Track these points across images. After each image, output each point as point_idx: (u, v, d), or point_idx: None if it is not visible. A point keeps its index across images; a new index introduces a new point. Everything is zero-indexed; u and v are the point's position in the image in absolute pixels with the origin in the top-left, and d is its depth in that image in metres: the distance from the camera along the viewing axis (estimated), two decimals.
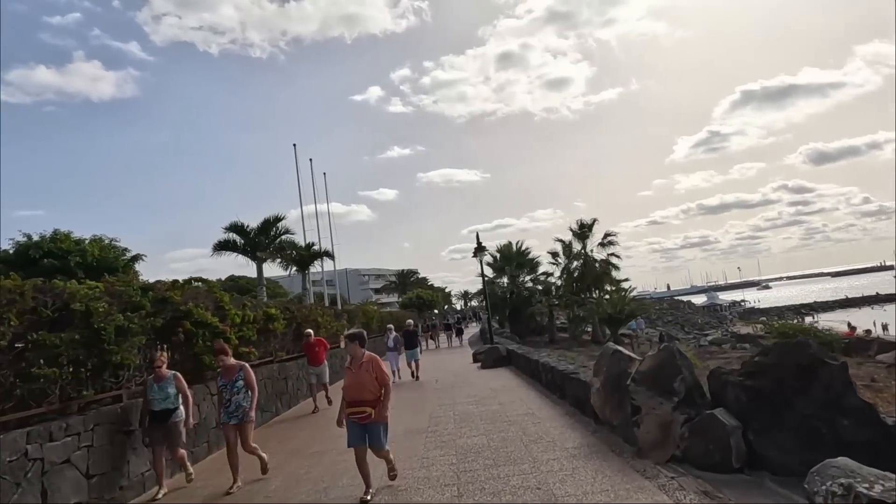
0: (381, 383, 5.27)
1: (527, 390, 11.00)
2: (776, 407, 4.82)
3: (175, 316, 7.86)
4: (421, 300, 55.29)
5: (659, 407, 5.57)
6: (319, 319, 16.10)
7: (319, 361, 11.35)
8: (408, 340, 15.38)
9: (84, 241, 18.94)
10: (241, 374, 6.38)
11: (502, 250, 36.63)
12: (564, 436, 6.78)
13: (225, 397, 6.36)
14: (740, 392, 5.10)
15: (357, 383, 5.25)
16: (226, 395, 6.35)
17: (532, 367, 12.39)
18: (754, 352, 5.10)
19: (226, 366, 6.40)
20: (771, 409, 4.85)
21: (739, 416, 5.03)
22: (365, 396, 5.20)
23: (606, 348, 6.87)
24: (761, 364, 5.10)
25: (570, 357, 20.13)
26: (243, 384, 6.36)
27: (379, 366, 5.34)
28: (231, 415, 6.27)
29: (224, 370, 6.42)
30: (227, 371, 6.42)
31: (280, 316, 12.04)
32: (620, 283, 31.02)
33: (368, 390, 5.22)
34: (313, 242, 25.04)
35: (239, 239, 18.79)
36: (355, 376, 5.29)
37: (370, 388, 5.23)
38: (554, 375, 9.88)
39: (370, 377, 5.25)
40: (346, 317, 22.65)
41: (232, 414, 6.27)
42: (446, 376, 15.43)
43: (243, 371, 6.40)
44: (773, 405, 4.84)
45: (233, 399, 6.30)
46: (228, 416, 6.29)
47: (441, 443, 7.21)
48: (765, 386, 4.95)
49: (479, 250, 17.89)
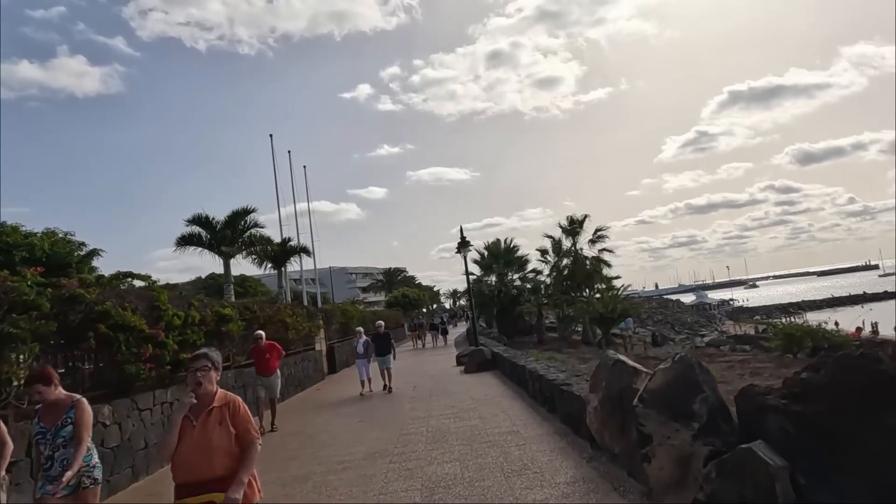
0: (243, 445, 3.08)
1: (511, 401, 9.79)
2: (835, 441, 3.63)
3: (88, 318, 6.54)
4: (407, 299, 54.11)
5: (675, 435, 4.37)
6: (288, 320, 14.79)
7: (271, 370, 9.70)
8: (380, 345, 13.23)
9: (35, 235, 17.46)
10: (72, 416, 3.83)
11: (490, 248, 35.43)
12: (554, 464, 5.57)
13: (44, 453, 3.78)
14: (785, 420, 3.90)
15: (198, 449, 2.99)
16: (45, 450, 3.78)
17: (518, 373, 11.20)
18: (803, 363, 3.98)
19: (46, 401, 3.86)
20: (828, 443, 3.66)
21: (785, 451, 3.84)
22: (213, 472, 2.96)
23: (606, 358, 5.66)
24: (812, 383, 3.90)
25: (559, 359, 18.99)
26: (72, 431, 3.81)
27: (242, 414, 3.16)
28: (54, 481, 3.64)
29: (43, 409, 3.89)
30: (48, 411, 3.88)
31: (236, 316, 10.72)
32: (612, 282, 30.03)
33: (219, 460, 2.99)
34: (290, 238, 23.67)
35: (204, 233, 17.35)
36: (195, 436, 3.02)
37: (222, 457, 3.00)
38: (542, 385, 8.67)
39: (224, 436, 3.04)
40: (322, 317, 21.33)
41: (56, 479, 3.64)
42: (425, 381, 14.19)
43: (76, 410, 3.86)
44: (832, 438, 3.65)
45: (56, 455, 3.75)
46: (50, 481, 3.68)
47: (406, 471, 5.97)
48: (818, 412, 3.75)
49: (463, 245, 16.67)
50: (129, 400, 7.18)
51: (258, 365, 9.75)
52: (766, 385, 4.41)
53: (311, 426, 9.53)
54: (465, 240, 16.69)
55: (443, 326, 32.94)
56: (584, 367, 16.31)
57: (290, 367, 14.76)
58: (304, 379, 15.90)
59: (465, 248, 16.64)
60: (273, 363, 9.63)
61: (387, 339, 13.30)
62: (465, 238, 16.67)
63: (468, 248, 16.81)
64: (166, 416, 8.04)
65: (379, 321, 14.75)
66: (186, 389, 3.23)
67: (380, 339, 13.33)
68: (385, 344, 13.21)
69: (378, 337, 13.46)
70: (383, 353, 13.13)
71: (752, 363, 13.21)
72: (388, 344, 13.22)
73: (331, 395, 13.87)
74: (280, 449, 7.93)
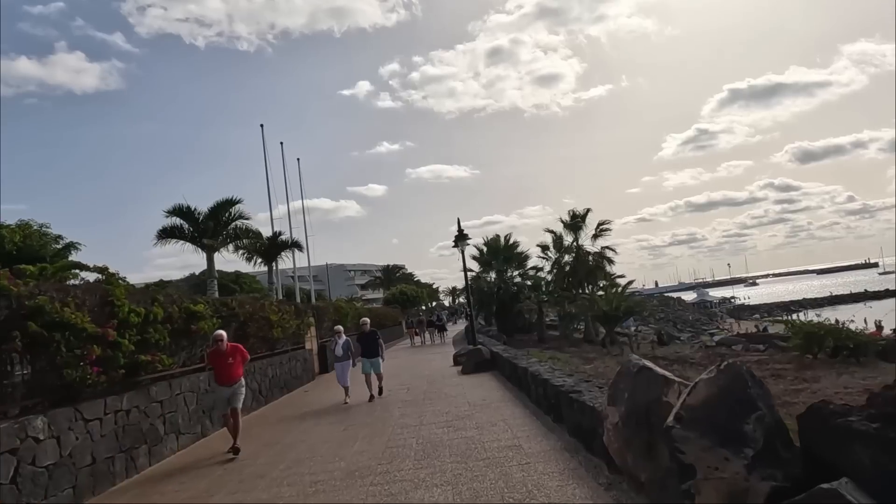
0: None
1: (513, 407, 8.84)
2: None
3: (16, 315, 5.58)
4: (405, 296, 53.20)
5: (724, 466, 3.42)
6: (273, 317, 13.84)
7: (233, 379, 7.87)
8: (366, 346, 11.40)
9: (8, 227, 16.50)
10: None
11: (489, 243, 34.46)
12: (566, 492, 4.62)
13: None
14: (878, 450, 2.95)
15: None
16: None
17: (519, 375, 10.27)
18: (826, 363, 2.94)
19: None
20: None
21: (881, 493, 2.90)
22: None
23: (629, 364, 4.70)
24: None
25: (561, 359, 18.07)
26: None
27: None
28: None
29: None
30: None
31: (209, 313, 9.76)
32: (615, 278, 29.02)
33: None
34: (281, 232, 22.68)
35: (187, 225, 16.32)
36: None
37: None
38: (547, 391, 7.73)
39: None
40: (314, 314, 20.38)
41: None
42: (420, 383, 13.26)
43: None
44: None
45: None
46: None
47: (388, 496, 5.03)
48: None
49: (461, 239, 15.72)
50: (71, 409, 6.23)
51: (218, 373, 7.99)
52: (841, 404, 3.46)
53: (290, 435, 8.58)
54: (462, 233, 15.73)
55: (439, 324, 32.10)
56: (588, 367, 15.36)
57: (275, 367, 13.81)
58: (290, 380, 14.96)
59: (462, 241, 15.68)
60: (236, 370, 7.92)
61: (374, 339, 11.44)
62: (463, 231, 15.71)
63: (466, 242, 15.85)
64: (121, 426, 7.10)
65: (364, 318, 12.45)
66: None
67: (366, 339, 11.52)
68: (372, 344, 11.40)
69: (364, 337, 11.61)
70: (371, 355, 11.34)
71: (769, 364, 12.29)
72: (375, 344, 11.40)
73: (318, 397, 12.91)
74: (249, 464, 6.98)
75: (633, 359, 4.67)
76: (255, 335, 12.77)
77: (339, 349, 11.78)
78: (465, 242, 15.78)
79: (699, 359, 15.36)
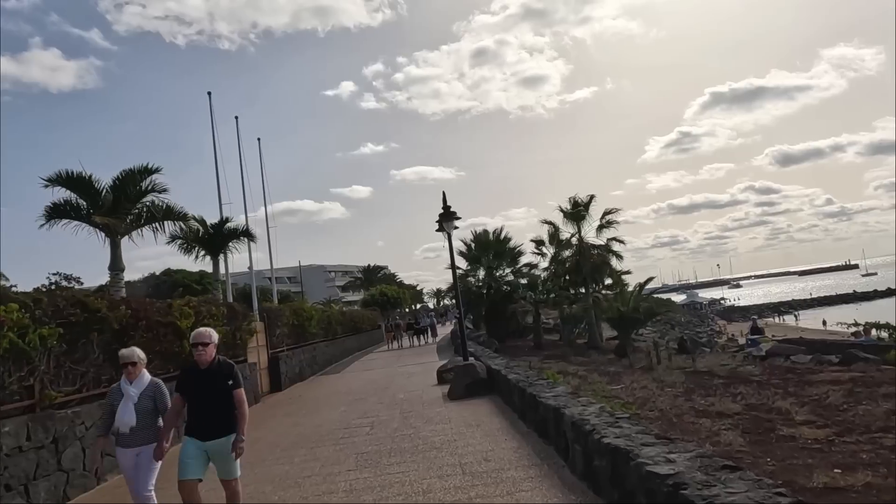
0: None
1: (537, 478, 5.04)
2: None
3: None
4: (385, 298, 49.21)
5: None
6: (183, 323, 9.87)
7: None
8: (201, 399, 4.24)
9: None
10: None
11: (478, 238, 30.74)
12: None
13: None
14: None
15: None
16: None
17: (533, 408, 6.51)
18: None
19: None
20: None
21: None
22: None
23: None
24: None
25: (572, 373, 14.34)
26: None
27: None
28: None
29: None
30: None
31: (34, 318, 5.81)
32: (621, 274, 25.27)
33: None
34: (230, 218, 18.64)
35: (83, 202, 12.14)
36: None
37: None
38: (616, 463, 3.95)
39: None
40: (264, 318, 16.40)
41: None
42: (389, 414, 9.42)
43: None
44: None
45: None
46: None
47: None
48: None
49: (447, 217, 11.97)
50: None
51: None
52: None
53: None
54: (449, 210, 11.98)
55: (417, 328, 29.30)
56: (618, 388, 11.70)
57: None
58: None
59: (448, 220, 11.91)
60: None
61: (219, 380, 4.22)
62: (450, 207, 11.96)
63: (453, 222, 12.06)
64: None
65: (199, 330, 4.34)
66: None
67: (196, 380, 4.25)
68: (213, 396, 4.22)
69: (190, 375, 4.33)
70: (210, 424, 4.23)
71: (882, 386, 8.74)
72: (221, 395, 4.22)
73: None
74: None
75: None
76: (151, 349, 8.80)
77: (124, 406, 4.35)
78: (452, 223, 11.99)
79: (763, 376, 11.67)
